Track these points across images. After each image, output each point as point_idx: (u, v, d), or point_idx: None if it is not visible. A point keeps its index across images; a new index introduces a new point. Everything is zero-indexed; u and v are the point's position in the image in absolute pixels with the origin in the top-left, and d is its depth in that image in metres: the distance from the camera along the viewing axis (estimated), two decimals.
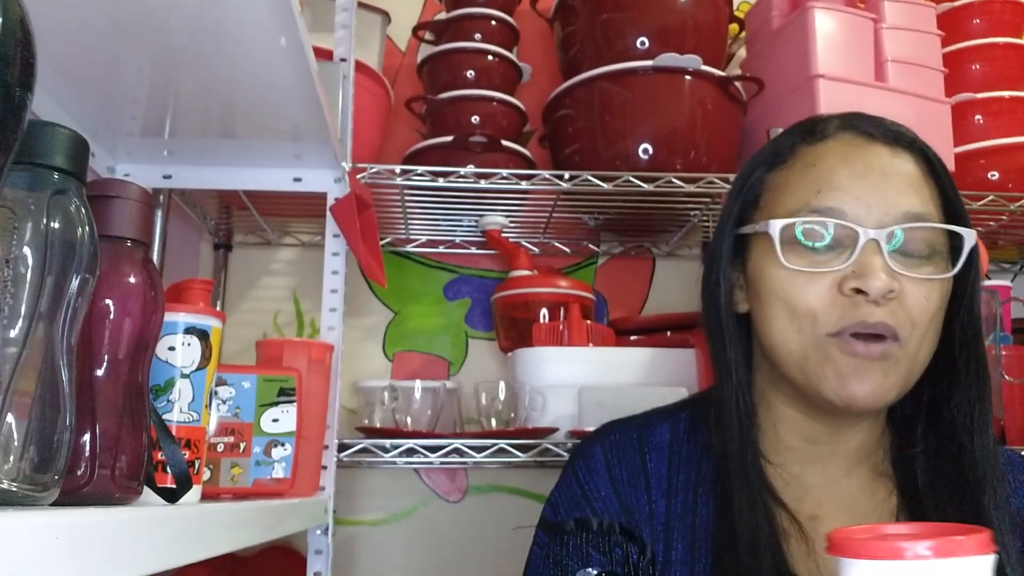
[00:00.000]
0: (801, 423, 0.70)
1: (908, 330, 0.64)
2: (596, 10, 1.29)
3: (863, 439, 0.71)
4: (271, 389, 0.84)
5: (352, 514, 1.41)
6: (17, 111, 0.34)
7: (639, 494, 0.71)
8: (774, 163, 0.71)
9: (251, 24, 0.74)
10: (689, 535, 0.69)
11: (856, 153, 0.68)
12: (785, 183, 0.70)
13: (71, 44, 0.76)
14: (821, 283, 0.65)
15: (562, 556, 0.71)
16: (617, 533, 0.70)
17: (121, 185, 0.51)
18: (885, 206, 0.65)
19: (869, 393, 0.63)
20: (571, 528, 0.72)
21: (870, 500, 0.70)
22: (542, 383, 1.20)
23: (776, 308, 0.67)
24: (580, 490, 0.73)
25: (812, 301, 0.65)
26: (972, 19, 1.40)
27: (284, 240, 1.49)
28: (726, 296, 0.71)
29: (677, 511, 0.70)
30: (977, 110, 1.35)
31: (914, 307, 0.64)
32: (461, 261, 1.53)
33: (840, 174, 0.66)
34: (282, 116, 0.95)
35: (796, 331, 0.66)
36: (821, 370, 0.65)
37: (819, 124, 0.71)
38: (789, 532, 0.66)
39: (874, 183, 0.66)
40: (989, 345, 1.08)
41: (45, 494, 0.39)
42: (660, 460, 0.72)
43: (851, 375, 0.63)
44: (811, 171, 0.68)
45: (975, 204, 1.24)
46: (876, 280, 0.62)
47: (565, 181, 1.21)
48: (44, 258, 0.39)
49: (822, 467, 0.71)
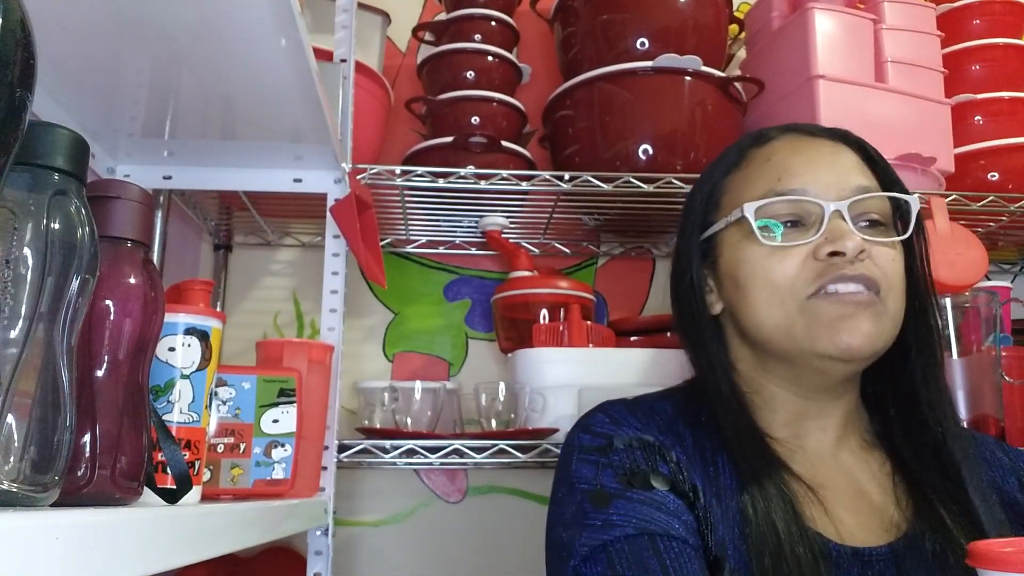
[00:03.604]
0: (789, 401, 0.73)
1: (886, 285, 0.68)
2: (596, 11, 1.29)
3: (846, 411, 0.75)
4: (271, 390, 0.84)
5: (352, 515, 1.41)
6: (17, 112, 0.34)
7: (671, 442, 0.70)
8: (729, 169, 0.77)
9: (251, 25, 0.74)
10: (716, 496, 0.68)
11: (804, 146, 0.75)
12: (744, 180, 0.75)
13: (72, 45, 0.76)
14: (796, 255, 0.70)
15: (625, 463, 0.67)
16: (673, 461, 0.68)
17: (121, 186, 0.51)
18: (840, 183, 0.71)
19: (864, 338, 0.67)
20: (626, 444, 0.69)
21: (867, 468, 0.73)
22: (542, 384, 1.20)
23: (756, 287, 0.71)
24: (613, 423, 0.71)
25: (789, 270, 0.69)
26: (972, 20, 1.40)
27: (284, 241, 1.49)
28: (699, 296, 0.76)
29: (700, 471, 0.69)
30: (977, 111, 1.35)
31: (885, 265, 0.69)
32: (461, 262, 1.53)
33: (795, 161, 0.73)
34: (282, 117, 0.95)
35: (779, 304, 0.69)
36: (811, 330, 0.68)
37: (763, 131, 0.78)
38: (807, 498, 0.68)
39: (826, 166, 0.72)
40: (989, 346, 1.08)
41: (45, 495, 0.39)
42: (675, 426, 0.72)
43: (841, 323, 0.67)
44: (767, 164, 0.74)
45: (975, 205, 1.24)
46: (849, 240, 0.67)
47: (565, 182, 1.21)
48: (44, 259, 0.39)
49: (818, 440, 0.74)
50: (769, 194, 0.71)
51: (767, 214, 0.71)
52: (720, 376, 0.73)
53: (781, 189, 0.71)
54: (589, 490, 0.66)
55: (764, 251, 0.70)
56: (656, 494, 0.65)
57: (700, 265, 0.76)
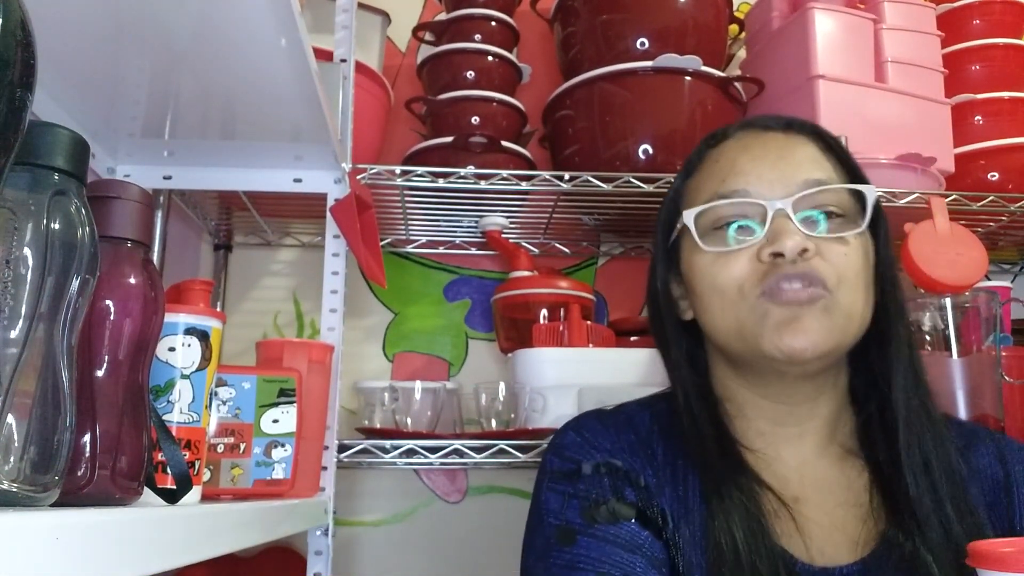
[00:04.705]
0: (765, 408, 0.72)
1: (835, 280, 0.66)
2: (596, 11, 1.29)
3: (825, 416, 0.73)
4: (271, 390, 0.84)
5: (352, 515, 1.41)
6: (18, 112, 0.34)
7: (641, 464, 0.71)
8: (688, 173, 0.77)
9: (251, 25, 0.74)
10: (684, 517, 0.68)
11: (754, 142, 0.73)
12: (696, 185, 0.75)
13: (72, 45, 0.76)
14: (740, 259, 0.68)
15: (591, 492, 0.68)
16: (642, 485, 0.69)
17: (121, 186, 0.51)
18: (785, 180, 0.69)
19: (807, 341, 0.65)
20: (593, 469, 0.70)
21: (844, 479, 0.71)
22: (542, 384, 1.20)
23: (707, 294, 0.70)
24: (585, 443, 0.72)
25: (736, 273, 0.68)
26: (972, 20, 1.40)
27: (284, 241, 1.49)
28: (664, 301, 0.76)
29: (669, 492, 0.70)
30: (977, 111, 1.35)
31: (836, 261, 0.67)
32: (461, 262, 1.53)
33: (740, 160, 0.72)
34: (282, 117, 0.95)
35: (730, 307, 0.68)
36: (758, 328, 0.67)
37: (721, 129, 0.77)
38: (778, 513, 0.67)
39: (772, 162, 0.70)
40: (989, 346, 1.08)
41: (45, 495, 0.39)
42: (649, 441, 0.73)
43: (785, 326, 0.65)
44: (716, 166, 0.73)
45: (975, 205, 1.24)
46: (789, 240, 0.66)
47: (565, 182, 1.21)
48: (44, 259, 0.39)
49: (795, 449, 0.72)
50: (713, 197, 0.71)
51: (714, 217, 0.70)
52: (684, 382, 0.73)
53: (723, 191, 0.70)
54: (556, 524, 0.68)
55: (709, 257, 0.70)
56: (622, 528, 0.66)
57: (667, 272, 0.76)
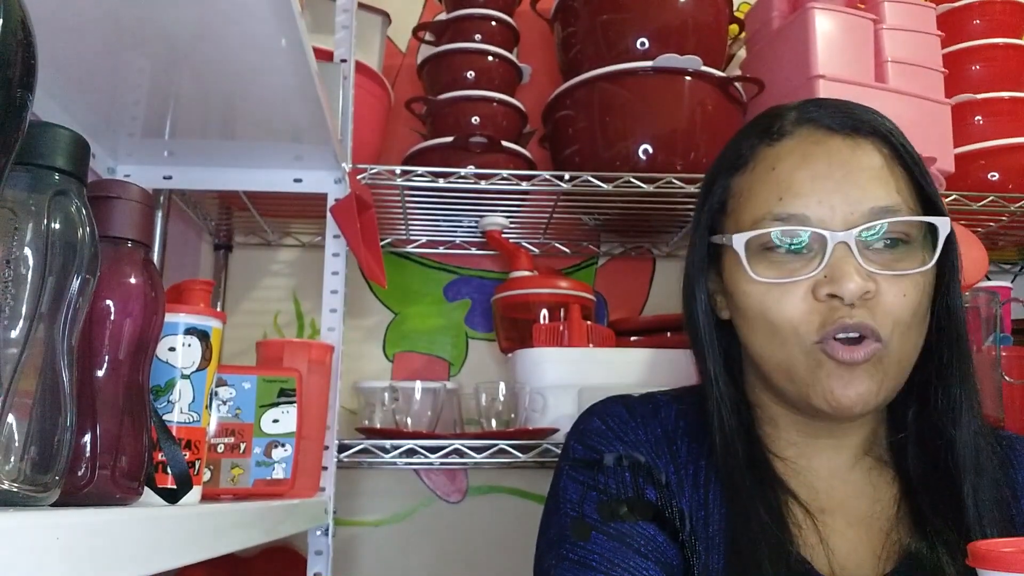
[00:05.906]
0: (799, 421, 0.70)
1: (889, 329, 0.63)
2: (596, 11, 1.29)
3: (866, 432, 0.71)
4: (271, 390, 0.84)
5: (352, 515, 1.41)
6: (18, 112, 0.34)
7: (664, 460, 0.69)
8: (736, 167, 0.70)
9: (252, 25, 0.74)
10: (703, 520, 0.67)
11: (815, 151, 0.66)
12: (748, 189, 0.69)
13: (72, 45, 0.76)
14: (796, 292, 0.64)
15: (610, 486, 0.67)
16: (663, 483, 0.68)
17: (121, 186, 0.51)
18: (849, 205, 0.64)
19: (857, 398, 0.63)
20: (615, 461, 0.68)
21: (873, 491, 0.69)
22: (542, 384, 1.20)
23: (756, 323, 0.66)
24: (609, 432, 0.70)
25: (789, 312, 0.64)
26: (972, 20, 1.40)
27: (284, 241, 1.49)
28: (703, 306, 0.71)
29: (689, 493, 0.69)
30: (977, 111, 1.35)
31: (893, 305, 0.63)
32: (461, 262, 1.53)
33: (800, 177, 0.65)
34: (282, 117, 0.95)
35: (780, 345, 0.65)
36: (811, 376, 0.64)
37: (776, 121, 0.69)
38: (803, 524, 0.65)
39: (836, 183, 0.64)
40: (989, 346, 1.08)
41: (46, 495, 0.39)
42: (674, 437, 0.71)
43: (837, 381, 0.63)
44: (771, 175, 0.67)
45: (975, 205, 1.24)
46: (850, 283, 0.61)
47: (565, 182, 1.21)
48: (45, 259, 0.39)
49: (829, 460, 0.70)
50: (767, 218, 0.65)
51: (767, 237, 0.65)
52: (715, 385, 0.70)
53: (780, 213, 0.65)
54: (573, 515, 0.66)
55: (761, 287, 0.65)
56: (637, 529, 0.65)
57: (707, 268, 0.72)
